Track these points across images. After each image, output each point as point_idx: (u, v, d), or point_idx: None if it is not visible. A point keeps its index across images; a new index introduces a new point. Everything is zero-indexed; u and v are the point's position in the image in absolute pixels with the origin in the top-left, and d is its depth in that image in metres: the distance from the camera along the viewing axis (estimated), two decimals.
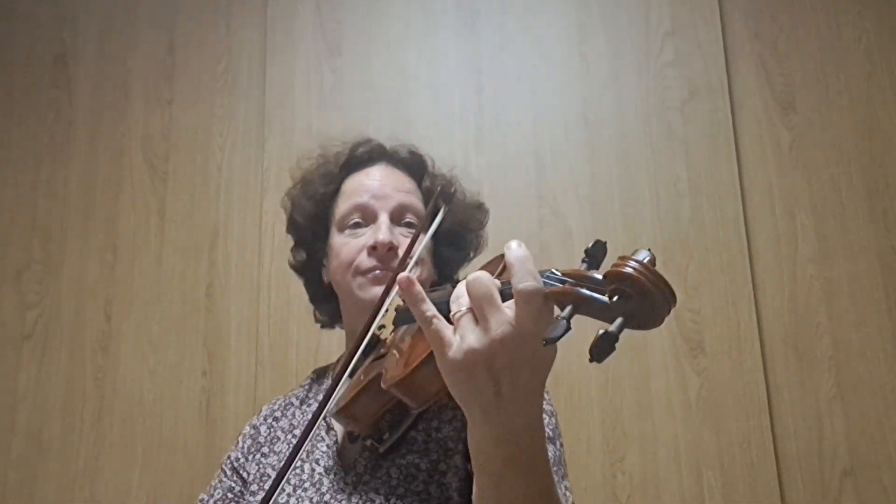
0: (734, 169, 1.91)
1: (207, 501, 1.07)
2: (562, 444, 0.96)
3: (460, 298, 0.67)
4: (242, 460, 1.09)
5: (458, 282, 1.13)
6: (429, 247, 1.08)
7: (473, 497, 0.74)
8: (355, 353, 0.84)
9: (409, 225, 1.07)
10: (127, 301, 2.10)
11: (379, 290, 1.01)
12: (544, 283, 0.65)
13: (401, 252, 1.03)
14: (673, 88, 1.99)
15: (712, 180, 1.92)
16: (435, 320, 0.67)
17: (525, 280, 0.64)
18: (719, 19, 2.00)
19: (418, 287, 0.69)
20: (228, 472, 1.09)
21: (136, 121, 2.24)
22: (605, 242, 0.67)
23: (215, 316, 2.05)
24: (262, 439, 1.09)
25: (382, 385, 0.84)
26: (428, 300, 0.69)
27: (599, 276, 0.62)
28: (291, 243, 1.18)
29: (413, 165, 1.13)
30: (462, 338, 0.65)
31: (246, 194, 2.12)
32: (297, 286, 1.99)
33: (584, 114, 2.01)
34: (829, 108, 1.92)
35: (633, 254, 0.61)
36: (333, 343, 1.96)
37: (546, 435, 0.73)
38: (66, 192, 2.21)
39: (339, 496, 0.94)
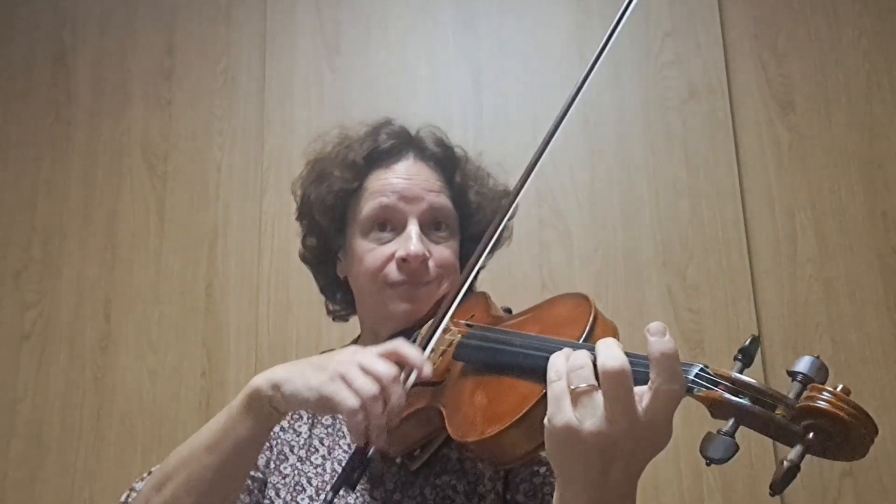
0: (734, 169, 1.91)
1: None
2: None
3: (581, 370, 0.63)
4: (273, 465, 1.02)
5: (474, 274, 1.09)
6: (454, 249, 1.01)
7: None
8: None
9: (437, 227, 1.00)
10: (126, 301, 2.10)
11: (407, 306, 0.96)
12: (693, 382, 0.61)
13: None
14: (672, 88, 1.99)
15: (712, 180, 1.92)
16: (564, 398, 0.62)
17: (672, 382, 0.59)
18: (719, 19, 2.00)
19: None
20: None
21: (135, 121, 2.24)
22: (759, 338, 0.62)
23: (215, 316, 2.04)
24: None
25: (453, 436, 0.77)
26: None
27: (770, 389, 0.58)
28: (301, 232, 1.09)
29: (444, 160, 1.04)
30: (583, 417, 0.61)
31: (245, 194, 2.12)
32: (297, 286, 2.02)
33: (583, 114, 2.01)
34: (829, 108, 1.92)
35: (798, 365, 0.57)
36: (333, 343, 1.96)
37: None
38: (66, 192, 2.21)
39: None
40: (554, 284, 1.90)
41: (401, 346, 0.78)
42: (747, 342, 0.64)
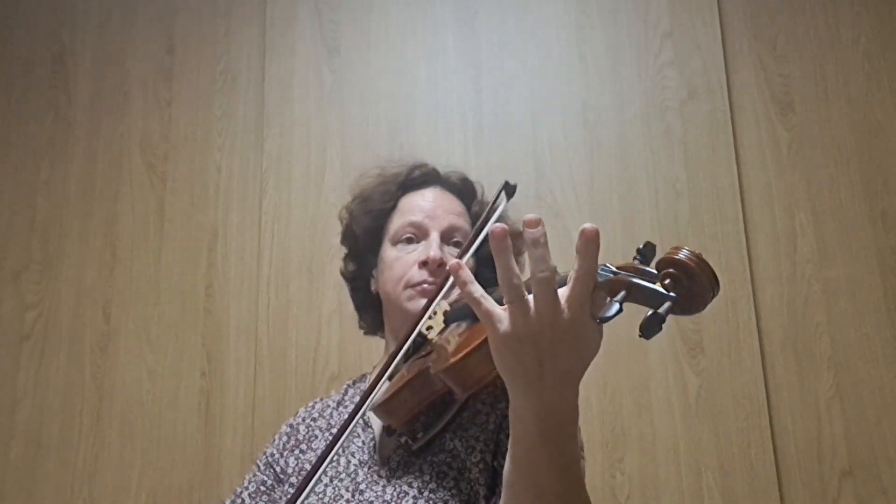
0: (733, 169, 1.91)
1: (241, 493, 1.16)
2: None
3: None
4: (277, 456, 1.17)
5: None
6: (469, 264, 1.14)
7: (506, 467, 0.80)
8: (402, 347, 0.91)
9: (457, 244, 1.16)
10: (126, 301, 2.10)
11: (425, 302, 1.09)
12: (600, 273, 0.71)
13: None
14: (672, 89, 1.99)
15: (711, 180, 1.92)
16: (483, 299, 0.72)
17: (588, 262, 0.69)
18: (718, 19, 2.00)
19: (466, 271, 0.74)
20: (262, 468, 1.17)
21: (135, 121, 2.24)
22: (655, 245, 0.74)
23: (214, 316, 2.04)
24: (300, 437, 1.17)
25: (431, 372, 0.91)
26: (475, 282, 0.74)
27: (652, 269, 0.70)
28: (343, 254, 1.27)
29: (464, 191, 1.23)
30: (513, 315, 0.70)
31: (245, 195, 2.12)
32: (297, 286, 2.02)
33: (583, 114, 2.01)
34: (828, 109, 1.92)
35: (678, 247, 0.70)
36: (333, 344, 1.97)
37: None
38: (65, 193, 2.21)
39: (374, 487, 1.02)
40: None
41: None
42: (643, 245, 0.74)
